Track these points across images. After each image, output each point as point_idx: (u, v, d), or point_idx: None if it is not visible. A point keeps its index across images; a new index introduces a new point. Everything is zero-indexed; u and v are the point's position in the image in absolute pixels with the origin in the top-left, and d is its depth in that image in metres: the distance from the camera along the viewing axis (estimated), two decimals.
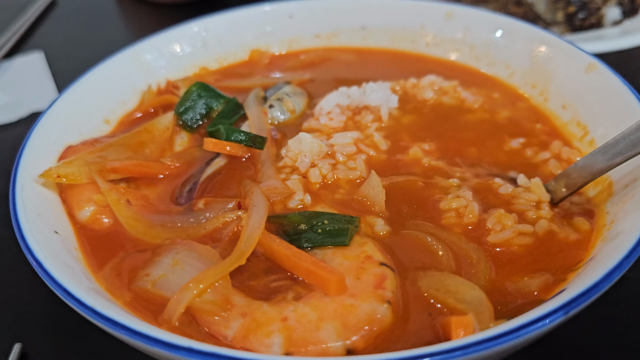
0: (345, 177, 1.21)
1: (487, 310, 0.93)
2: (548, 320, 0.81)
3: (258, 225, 1.05)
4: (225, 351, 0.80)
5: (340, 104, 1.41)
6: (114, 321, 0.85)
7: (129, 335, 0.84)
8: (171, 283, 0.98)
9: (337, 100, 1.41)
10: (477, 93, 1.49)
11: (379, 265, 1.00)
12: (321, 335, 0.91)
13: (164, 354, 0.82)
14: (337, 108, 1.40)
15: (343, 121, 1.38)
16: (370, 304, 0.94)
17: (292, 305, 0.95)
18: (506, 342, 0.79)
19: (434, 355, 0.77)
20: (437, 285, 0.98)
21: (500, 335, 0.79)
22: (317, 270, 0.97)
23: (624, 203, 1.08)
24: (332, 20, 1.75)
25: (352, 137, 1.30)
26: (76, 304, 0.89)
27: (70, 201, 1.20)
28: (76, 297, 0.89)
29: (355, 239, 1.06)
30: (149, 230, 1.13)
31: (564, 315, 0.82)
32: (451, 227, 1.10)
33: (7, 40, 2.20)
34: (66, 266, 1.00)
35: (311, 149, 1.24)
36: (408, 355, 0.78)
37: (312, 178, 1.21)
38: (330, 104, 1.40)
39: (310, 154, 1.24)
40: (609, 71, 1.30)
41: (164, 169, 1.29)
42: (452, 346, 0.78)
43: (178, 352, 0.80)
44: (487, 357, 0.81)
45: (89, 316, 0.88)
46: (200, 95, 1.43)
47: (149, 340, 0.82)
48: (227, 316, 0.94)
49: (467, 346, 0.78)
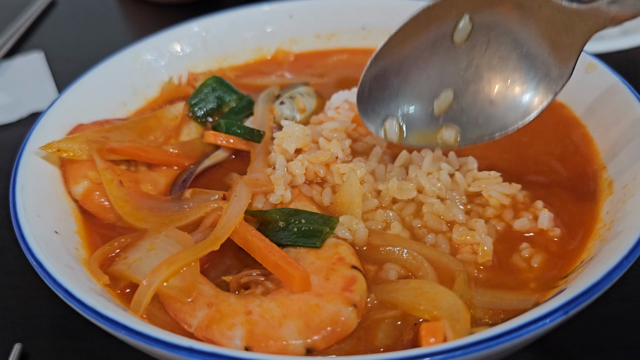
0: (323, 159, 1.20)
1: (462, 317, 0.91)
2: (548, 320, 0.81)
3: (236, 214, 1.06)
4: (225, 351, 0.81)
5: (349, 101, 1.41)
6: (115, 321, 0.85)
7: (129, 335, 0.84)
8: (144, 266, 0.99)
9: (347, 96, 1.41)
10: None
11: (350, 268, 1.00)
12: (283, 332, 0.91)
13: (164, 354, 0.82)
14: (345, 104, 1.40)
15: (350, 117, 1.38)
16: (335, 305, 0.94)
17: (258, 299, 0.96)
18: (506, 342, 0.79)
19: (434, 355, 0.77)
20: (414, 293, 0.97)
21: (501, 335, 0.79)
22: (283, 265, 0.98)
23: (623, 203, 1.08)
24: (332, 20, 1.75)
25: (345, 126, 1.29)
26: (77, 305, 0.89)
27: (68, 175, 1.24)
28: (77, 298, 0.90)
29: (331, 240, 1.06)
30: (136, 212, 1.15)
31: (564, 315, 0.82)
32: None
33: (7, 40, 2.20)
34: (67, 267, 1.00)
35: (292, 131, 1.25)
36: (408, 355, 0.78)
37: (295, 170, 1.20)
38: (339, 99, 1.41)
39: (294, 136, 1.24)
40: (609, 71, 1.30)
41: (163, 156, 1.31)
42: (453, 346, 0.78)
43: (178, 352, 0.81)
44: (487, 357, 0.81)
45: (89, 316, 0.88)
46: (215, 89, 1.46)
47: (149, 340, 0.82)
48: (194, 305, 0.95)
49: (468, 346, 0.78)
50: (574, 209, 1.15)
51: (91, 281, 1.02)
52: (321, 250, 1.04)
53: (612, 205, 1.11)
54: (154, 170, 1.30)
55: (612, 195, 1.13)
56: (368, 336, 0.95)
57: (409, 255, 1.05)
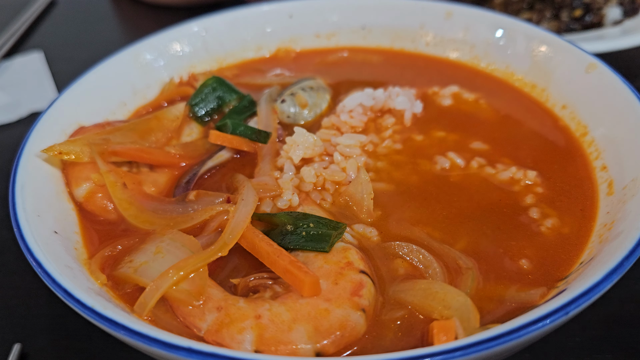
0: (338, 178, 1.21)
1: (472, 316, 0.92)
2: (548, 320, 0.81)
3: (244, 218, 1.06)
4: (224, 352, 0.80)
5: (363, 104, 1.40)
6: (114, 321, 0.85)
7: (129, 335, 0.83)
8: (152, 270, 0.99)
9: (361, 100, 1.41)
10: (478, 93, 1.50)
11: (359, 273, 1.00)
12: (292, 336, 0.91)
13: (164, 354, 0.82)
14: (359, 107, 1.40)
15: (364, 121, 1.38)
16: (344, 310, 0.94)
17: (267, 303, 0.96)
18: (507, 342, 0.79)
19: (434, 356, 0.77)
20: (424, 294, 0.98)
21: (501, 335, 0.79)
22: (293, 270, 0.97)
23: (624, 203, 1.08)
24: (332, 20, 1.75)
25: (360, 140, 1.30)
26: (76, 305, 0.89)
27: (70, 178, 1.24)
28: (76, 298, 0.89)
29: (339, 244, 1.06)
30: (140, 214, 1.15)
31: (564, 315, 0.82)
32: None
33: (6, 40, 2.20)
34: (66, 267, 1.00)
35: (304, 140, 1.24)
36: (408, 355, 0.78)
37: (306, 178, 1.20)
38: (353, 103, 1.40)
39: (303, 145, 1.24)
40: (609, 71, 1.30)
41: (165, 157, 1.30)
42: (453, 346, 0.78)
43: (178, 352, 0.80)
44: (487, 357, 0.81)
45: (88, 317, 0.88)
46: (215, 89, 1.45)
47: (149, 340, 0.82)
48: (203, 308, 0.95)
49: (468, 346, 0.78)
50: (574, 210, 1.15)
51: (90, 281, 1.02)
52: (329, 254, 1.03)
53: (612, 206, 1.11)
54: (156, 171, 1.30)
55: (612, 196, 1.13)
56: (377, 336, 0.95)
57: (418, 252, 1.05)
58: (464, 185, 1.22)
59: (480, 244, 1.09)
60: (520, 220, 1.13)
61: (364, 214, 1.15)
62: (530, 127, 1.40)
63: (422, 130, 1.37)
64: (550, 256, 1.06)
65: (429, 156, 1.29)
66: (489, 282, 1.02)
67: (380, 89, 1.45)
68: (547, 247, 1.08)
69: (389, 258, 1.07)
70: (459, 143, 1.33)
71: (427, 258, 1.05)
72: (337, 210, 1.17)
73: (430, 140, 1.34)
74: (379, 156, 1.30)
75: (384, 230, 1.12)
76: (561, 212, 1.14)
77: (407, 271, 1.04)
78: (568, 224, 1.12)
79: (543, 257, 1.06)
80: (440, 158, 1.28)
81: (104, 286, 1.02)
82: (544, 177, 1.22)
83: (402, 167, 1.27)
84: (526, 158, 1.29)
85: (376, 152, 1.31)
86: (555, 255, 1.07)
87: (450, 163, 1.26)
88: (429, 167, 1.26)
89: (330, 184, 1.21)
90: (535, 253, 1.07)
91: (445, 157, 1.28)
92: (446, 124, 1.40)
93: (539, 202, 1.17)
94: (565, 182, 1.22)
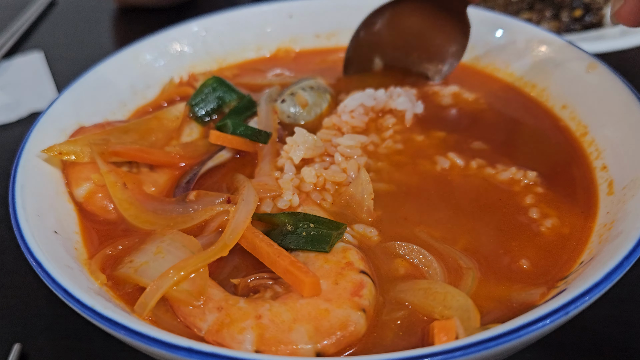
0: (338, 179, 1.21)
1: (473, 316, 0.92)
2: (548, 321, 0.81)
3: (244, 219, 1.06)
4: (226, 351, 0.80)
5: (364, 104, 1.40)
6: (114, 321, 0.85)
7: (129, 335, 0.83)
8: (152, 270, 0.99)
9: (362, 100, 1.41)
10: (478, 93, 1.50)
11: (359, 273, 1.00)
12: (293, 336, 0.91)
13: (165, 354, 0.82)
14: (361, 108, 1.40)
15: (365, 122, 1.38)
16: (344, 310, 0.94)
17: (268, 304, 0.96)
18: (507, 342, 0.79)
19: (434, 356, 0.77)
20: (424, 294, 0.98)
21: (501, 335, 0.79)
22: (293, 270, 0.97)
23: (624, 203, 1.08)
24: (332, 20, 1.75)
25: (360, 141, 1.30)
26: (76, 305, 0.89)
27: (70, 178, 1.24)
28: (76, 298, 0.89)
29: (339, 244, 1.06)
30: (141, 215, 1.15)
31: (564, 315, 0.82)
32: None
33: (6, 40, 2.20)
34: (66, 267, 1.00)
35: (304, 140, 1.24)
36: (409, 355, 0.78)
37: (307, 178, 1.20)
38: (354, 103, 1.40)
39: (303, 146, 1.24)
40: (609, 71, 1.30)
41: (165, 157, 1.30)
42: (454, 346, 0.78)
43: (178, 352, 0.80)
44: (488, 357, 0.81)
45: (88, 316, 0.88)
46: (215, 89, 1.45)
47: (149, 340, 0.82)
48: (204, 309, 0.96)
49: (468, 346, 0.78)
50: (574, 210, 1.15)
51: (90, 281, 1.02)
52: (330, 254, 1.03)
53: (612, 206, 1.11)
54: (156, 172, 1.29)
55: (612, 196, 1.13)
56: (378, 336, 0.95)
57: (419, 252, 1.05)
58: (464, 185, 1.22)
59: (480, 244, 1.09)
60: (520, 220, 1.13)
61: (364, 214, 1.15)
62: (530, 127, 1.40)
63: (422, 130, 1.37)
64: (550, 256, 1.06)
65: (429, 156, 1.29)
66: (489, 282, 1.03)
67: (381, 89, 1.45)
68: (547, 247, 1.08)
69: (389, 258, 1.07)
70: (459, 143, 1.33)
71: (427, 258, 1.05)
72: (338, 211, 1.17)
73: (431, 140, 1.35)
74: (379, 156, 1.30)
75: (384, 230, 1.12)
76: (561, 212, 1.14)
77: (407, 271, 1.04)
78: (568, 224, 1.12)
79: (543, 257, 1.06)
80: (441, 158, 1.28)
81: (104, 286, 1.02)
82: (544, 177, 1.22)
83: (402, 168, 1.27)
84: (526, 158, 1.28)
85: (377, 153, 1.31)
86: (555, 255, 1.07)
87: (450, 163, 1.26)
88: (429, 167, 1.27)
89: (331, 184, 1.21)
90: (535, 253, 1.07)
91: (446, 157, 1.28)
92: (446, 124, 1.40)
93: (539, 202, 1.17)
94: (565, 182, 1.22)
